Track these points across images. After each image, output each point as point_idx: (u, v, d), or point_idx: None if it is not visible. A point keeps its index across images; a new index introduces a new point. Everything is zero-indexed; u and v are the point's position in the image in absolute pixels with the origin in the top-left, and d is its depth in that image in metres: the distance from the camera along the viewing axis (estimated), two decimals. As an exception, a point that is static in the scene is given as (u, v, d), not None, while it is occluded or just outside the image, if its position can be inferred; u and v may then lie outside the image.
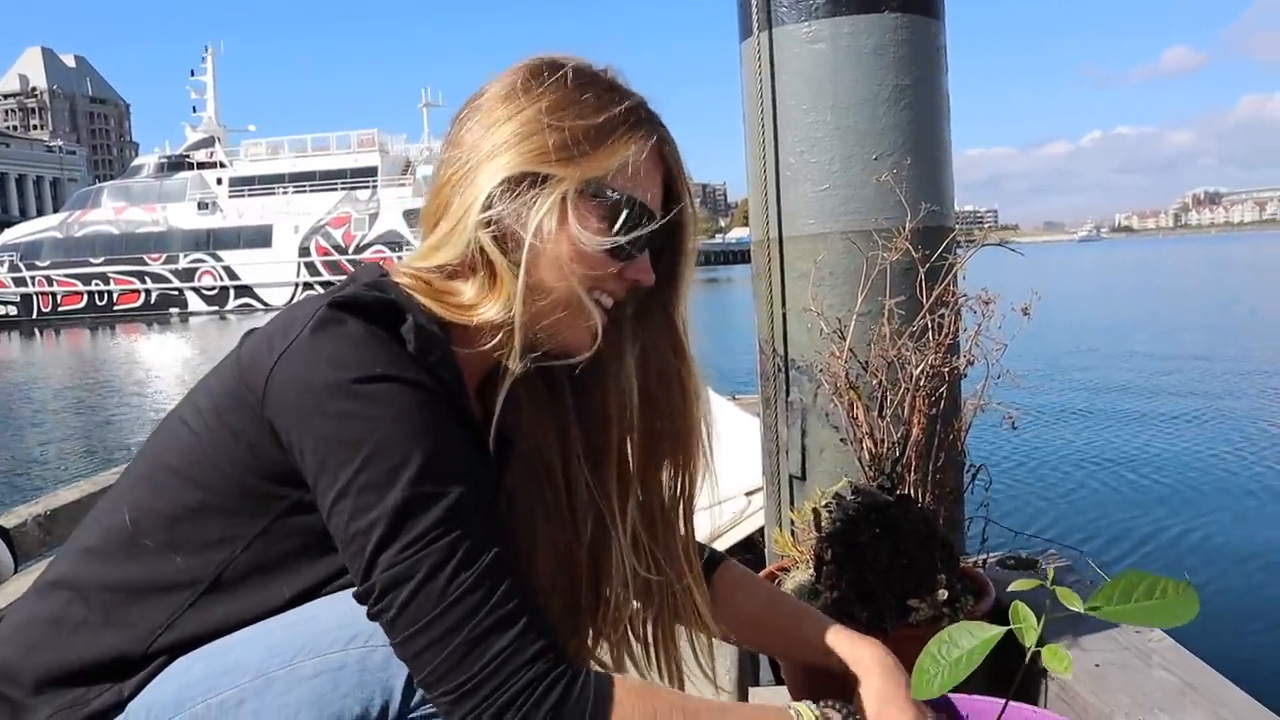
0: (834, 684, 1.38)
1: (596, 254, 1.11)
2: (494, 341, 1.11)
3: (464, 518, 0.98)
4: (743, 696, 2.01)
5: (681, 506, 1.31)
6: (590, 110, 1.11)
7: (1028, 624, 0.98)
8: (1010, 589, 1.29)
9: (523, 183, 1.09)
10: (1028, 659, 0.98)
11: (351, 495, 0.96)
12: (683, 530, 1.32)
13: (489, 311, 1.09)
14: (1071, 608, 0.93)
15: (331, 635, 1.00)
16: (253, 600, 1.06)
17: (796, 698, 1.81)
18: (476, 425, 1.12)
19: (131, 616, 1.06)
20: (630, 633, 1.36)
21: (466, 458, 1.03)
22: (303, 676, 1.00)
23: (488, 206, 1.08)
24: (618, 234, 1.11)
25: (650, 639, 1.36)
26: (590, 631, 1.34)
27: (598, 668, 1.25)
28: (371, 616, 0.99)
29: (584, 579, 1.30)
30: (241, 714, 1.00)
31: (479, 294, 1.10)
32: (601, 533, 1.27)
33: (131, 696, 1.05)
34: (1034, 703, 1.72)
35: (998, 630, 1.00)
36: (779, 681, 2.12)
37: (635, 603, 1.32)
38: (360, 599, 0.99)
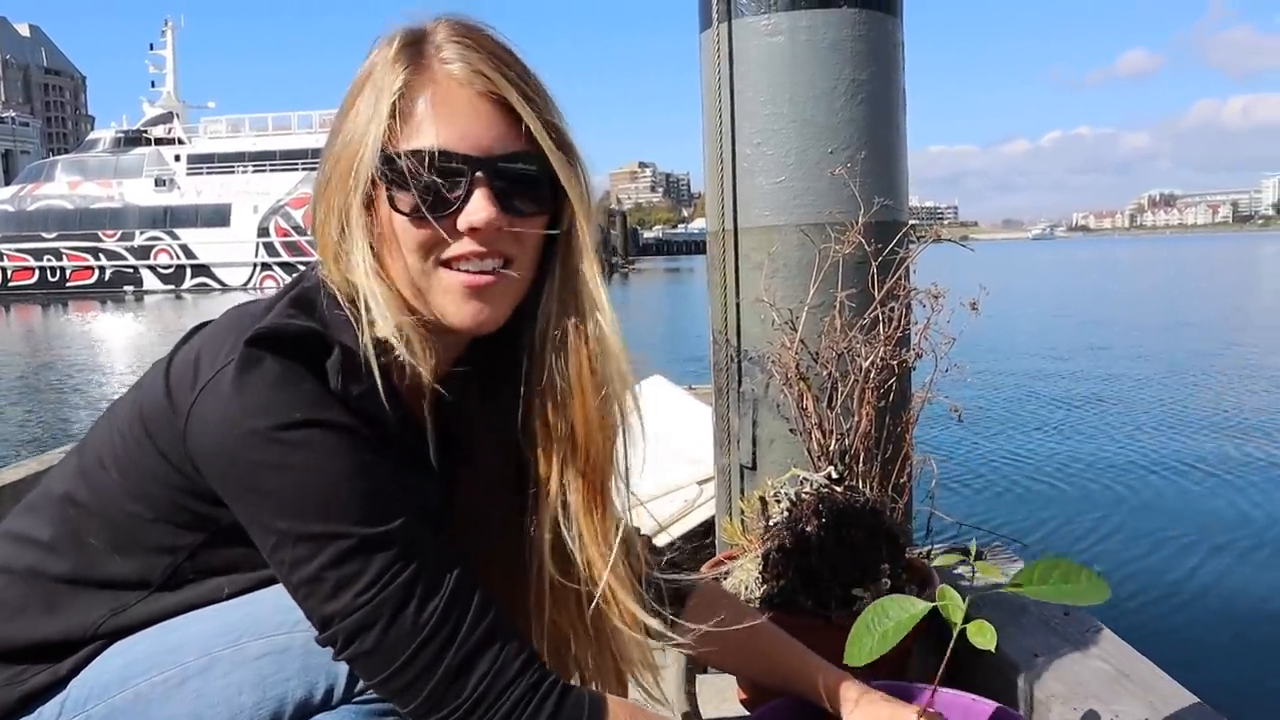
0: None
1: (403, 224, 1.02)
2: (401, 350, 1.02)
3: (414, 549, 0.96)
4: (690, 683, 2.03)
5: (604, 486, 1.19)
6: (363, 70, 1.03)
7: (953, 603, 1.01)
8: (935, 563, 1.31)
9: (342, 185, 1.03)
10: (954, 637, 1.01)
11: (289, 546, 0.94)
12: (606, 513, 1.19)
13: (385, 327, 1.01)
14: (991, 580, 0.98)
15: (278, 618, 1.00)
16: (197, 595, 1.05)
17: (745, 691, 1.83)
18: (415, 444, 1.08)
19: (77, 605, 1.05)
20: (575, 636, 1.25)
21: (401, 487, 0.99)
22: (247, 657, 1.00)
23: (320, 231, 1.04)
24: (413, 192, 1.00)
25: (590, 642, 1.25)
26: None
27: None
28: (340, 659, 0.98)
29: (538, 586, 1.22)
30: (184, 692, 0.99)
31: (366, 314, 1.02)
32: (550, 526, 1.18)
33: (70, 675, 1.04)
34: (977, 691, 1.75)
35: (926, 605, 1.03)
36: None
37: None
38: (323, 644, 0.98)
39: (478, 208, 1.01)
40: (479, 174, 1.01)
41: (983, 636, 1.01)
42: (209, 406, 0.95)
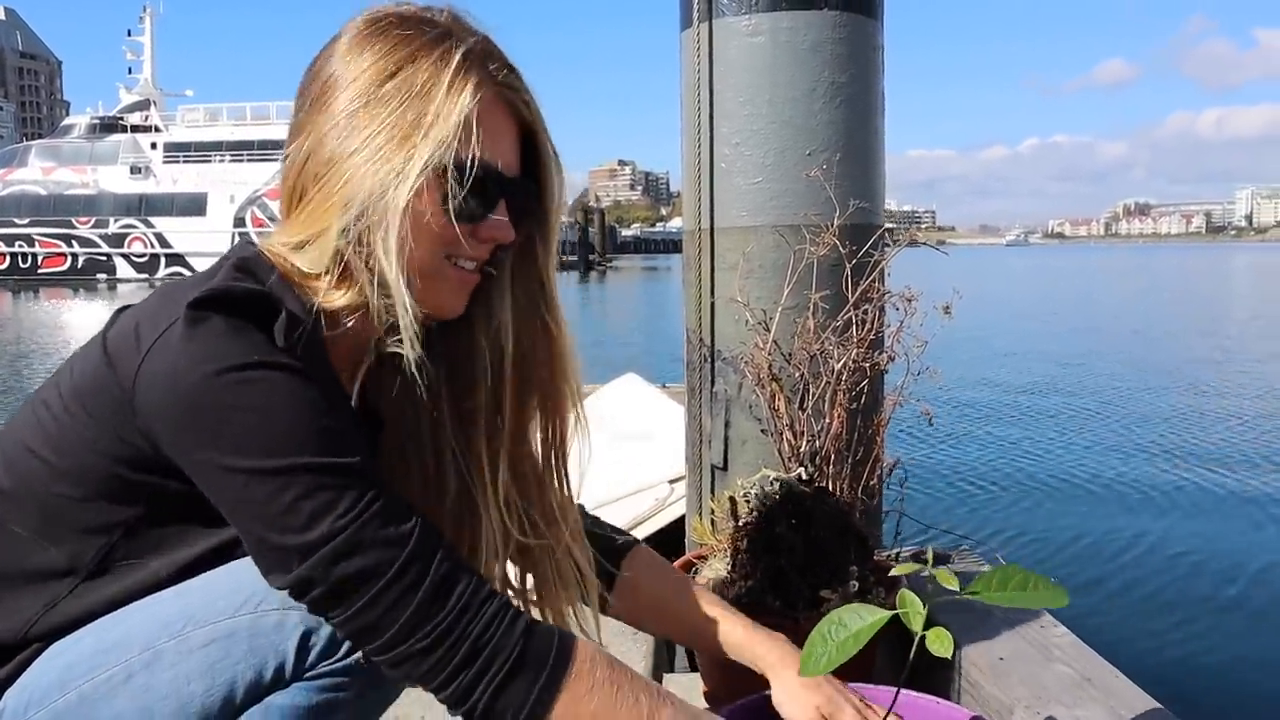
0: (745, 677, 1.40)
1: (440, 220, 1.06)
2: (355, 319, 1.09)
3: (373, 486, 0.97)
4: (656, 682, 2.03)
5: (555, 463, 1.27)
6: (423, 73, 1.05)
7: (914, 609, 1.01)
8: (892, 572, 1.32)
9: (381, 180, 1.04)
10: (915, 644, 1.02)
11: (257, 484, 0.94)
12: (557, 488, 1.28)
13: (348, 296, 1.07)
14: (949, 588, 0.98)
15: (220, 604, 0.99)
16: (133, 581, 1.03)
17: (709, 686, 1.84)
18: (348, 407, 1.12)
19: (4, 604, 1.03)
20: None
21: (355, 429, 1.02)
22: (192, 647, 0.98)
23: (349, 213, 1.04)
24: (460, 200, 1.05)
25: (532, 603, 1.33)
26: None
27: None
28: (312, 601, 0.96)
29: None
30: (130, 689, 0.98)
31: (338, 280, 1.07)
32: (470, 502, 1.23)
33: (5, 684, 1.02)
34: (943, 695, 1.76)
35: (884, 614, 1.03)
36: (694, 669, 2.14)
37: (512, 568, 1.30)
38: (292, 587, 0.96)
39: (502, 225, 1.11)
40: (509, 194, 1.11)
41: (940, 644, 1.01)
42: (158, 363, 0.95)
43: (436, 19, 1.10)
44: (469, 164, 1.05)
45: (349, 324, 1.09)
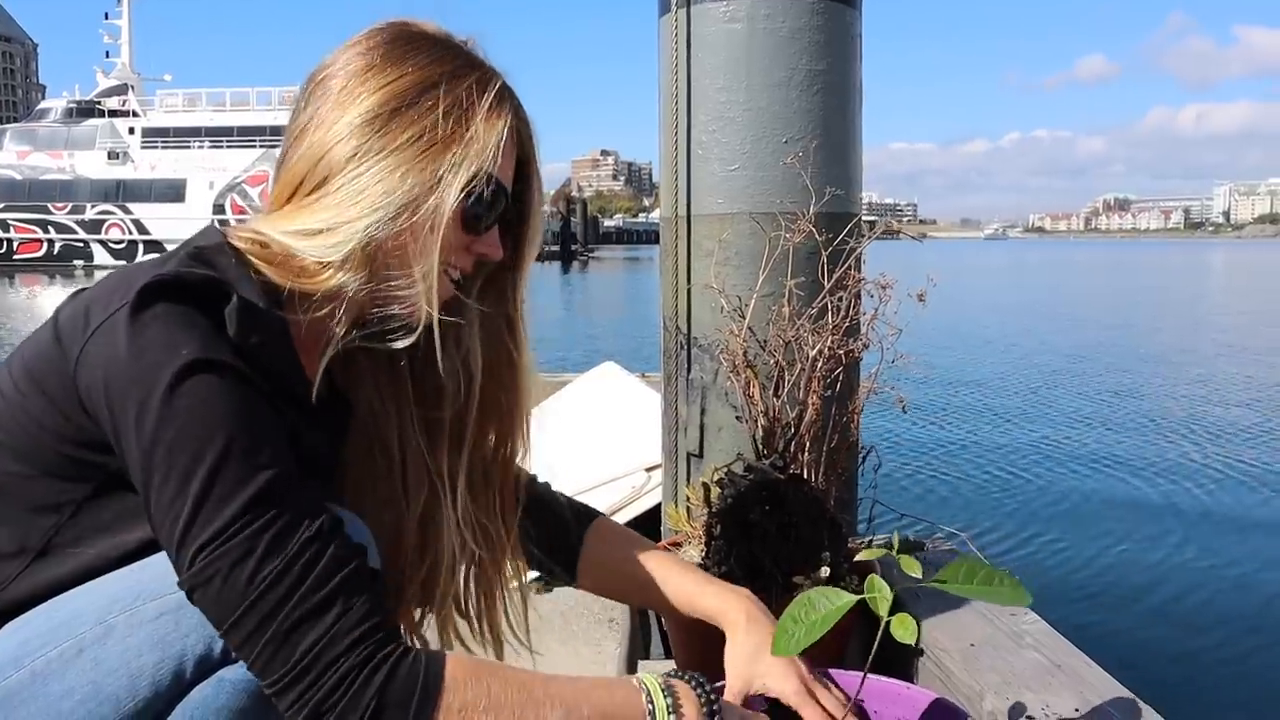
0: (715, 652, 1.41)
1: (453, 228, 1.13)
2: (329, 308, 1.11)
3: (270, 502, 0.95)
4: (631, 669, 2.03)
5: (500, 470, 1.35)
6: (467, 90, 1.13)
7: (881, 594, 1.02)
8: (858, 557, 1.33)
9: (424, 183, 1.10)
10: (880, 629, 1.02)
11: (154, 489, 0.94)
12: (500, 504, 1.35)
13: (334, 279, 1.09)
14: (911, 574, 0.99)
15: (172, 577, 0.98)
16: (79, 562, 1.03)
17: (680, 659, 1.84)
18: (304, 398, 1.11)
19: None
20: (456, 606, 1.37)
21: (277, 439, 1.00)
22: (143, 620, 0.98)
23: (382, 210, 1.08)
24: (475, 211, 1.13)
25: (473, 610, 1.38)
26: (417, 606, 1.34)
27: (425, 643, 1.30)
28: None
29: (413, 551, 1.30)
30: (81, 663, 0.97)
31: (325, 265, 1.09)
32: (433, 503, 1.28)
33: None
34: (912, 680, 1.77)
35: (852, 598, 1.04)
36: (669, 655, 2.14)
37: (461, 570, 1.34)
38: (185, 591, 0.96)
39: (495, 243, 1.19)
40: (504, 213, 1.18)
41: (904, 629, 1.02)
42: (99, 346, 0.96)
43: (465, 45, 1.18)
44: (494, 182, 1.14)
45: (325, 310, 1.10)
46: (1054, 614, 1.92)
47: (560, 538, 1.46)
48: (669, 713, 1.08)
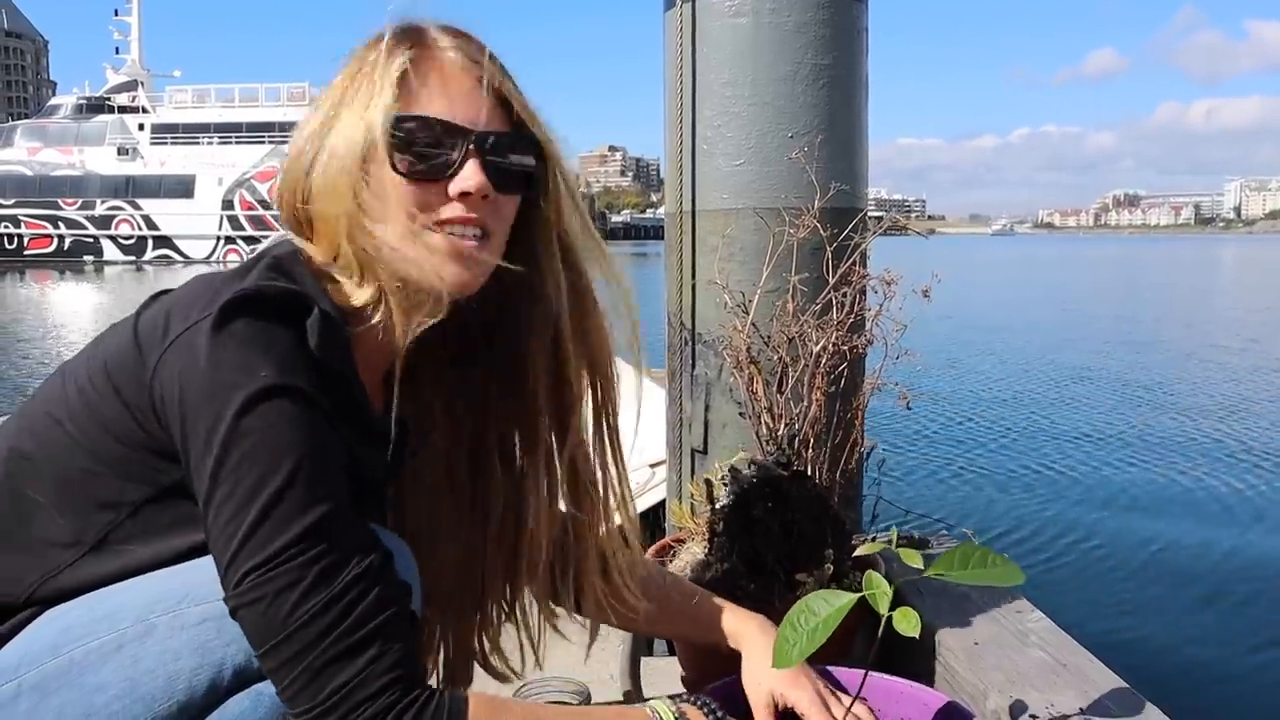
0: (722, 660, 1.41)
1: (402, 186, 1.09)
2: (379, 317, 1.09)
3: (324, 535, 0.95)
4: (635, 667, 2.02)
5: (607, 434, 1.34)
6: (370, 54, 1.11)
7: (880, 590, 1.01)
8: (856, 553, 1.32)
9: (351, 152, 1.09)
10: (882, 625, 1.01)
11: (214, 506, 0.95)
12: (613, 462, 1.35)
13: (366, 293, 1.08)
14: (913, 567, 0.99)
15: (219, 584, 0.98)
16: (130, 559, 1.04)
17: (687, 671, 1.84)
18: (371, 418, 1.11)
19: (7, 569, 1.04)
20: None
21: (339, 471, 1.00)
22: (186, 623, 0.98)
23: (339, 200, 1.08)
24: (412, 157, 1.08)
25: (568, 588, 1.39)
26: (495, 619, 1.38)
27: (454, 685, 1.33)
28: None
29: (494, 566, 1.32)
30: (120, 658, 0.98)
31: (359, 276, 1.09)
32: (517, 510, 1.28)
33: (3, 640, 1.02)
34: (916, 679, 1.76)
35: (851, 597, 1.03)
36: (672, 652, 2.14)
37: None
38: (230, 611, 0.97)
39: (470, 174, 1.09)
40: (472, 145, 1.09)
41: (907, 623, 1.01)
42: (178, 358, 0.97)
43: (417, 24, 1.15)
44: (417, 123, 1.08)
45: (374, 321, 1.09)
46: (1060, 612, 1.91)
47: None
48: None
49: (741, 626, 1.41)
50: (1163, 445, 7.12)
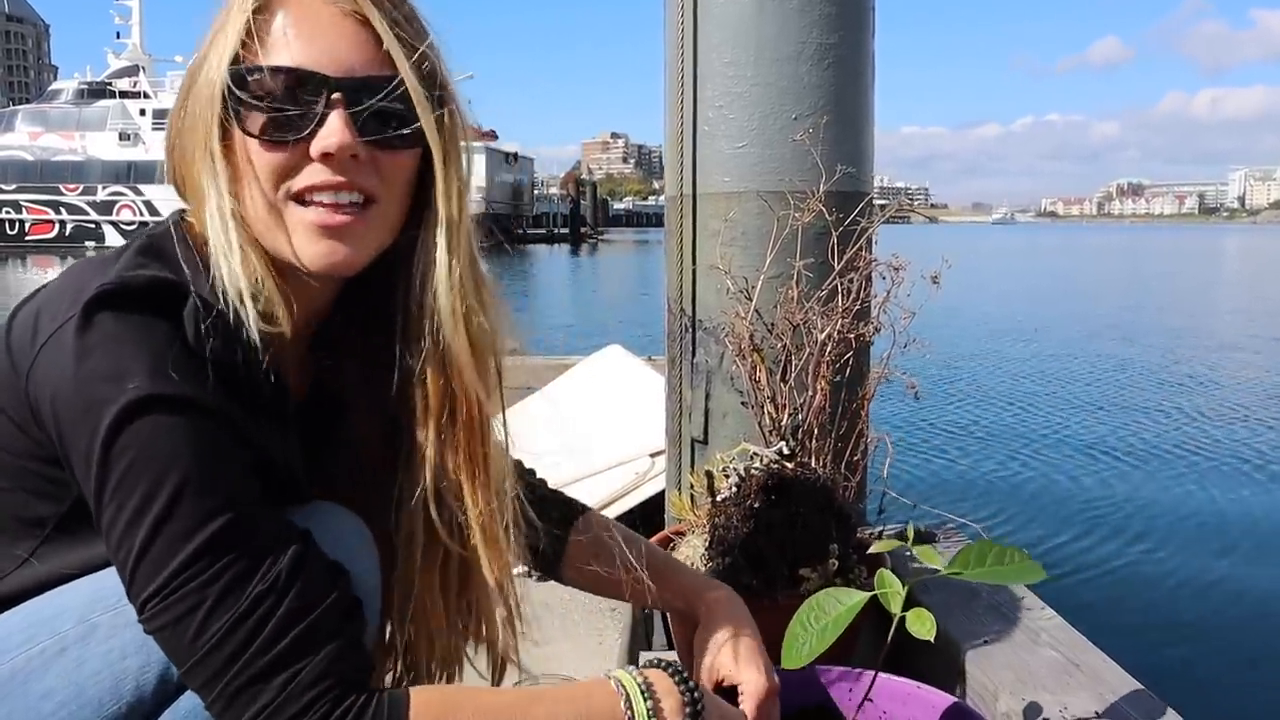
0: None
1: (254, 148, 0.95)
2: (264, 300, 0.96)
3: (223, 548, 0.87)
4: (633, 660, 1.98)
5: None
6: (219, 18, 0.97)
7: (892, 590, 0.96)
8: (870, 550, 1.27)
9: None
10: (894, 626, 0.96)
11: (104, 526, 0.88)
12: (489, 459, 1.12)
13: (242, 273, 0.95)
14: (931, 566, 0.93)
15: None
16: (69, 564, 0.98)
17: (681, 655, 1.78)
18: (275, 401, 0.99)
19: None
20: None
21: (234, 475, 0.90)
22: (129, 620, 0.92)
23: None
24: (255, 113, 0.94)
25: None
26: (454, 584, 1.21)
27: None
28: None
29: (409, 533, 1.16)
30: (63, 662, 0.92)
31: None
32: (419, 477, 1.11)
33: None
34: (923, 679, 1.71)
35: (863, 596, 0.98)
36: (671, 645, 2.09)
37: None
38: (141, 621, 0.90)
39: (331, 130, 0.94)
40: (336, 95, 0.94)
41: (921, 625, 0.96)
42: (47, 365, 0.88)
43: None
44: (264, 73, 0.93)
45: (260, 305, 0.96)
46: (1071, 610, 1.86)
47: (547, 534, 1.33)
48: (649, 716, 1.01)
49: (708, 590, 1.33)
50: (1181, 440, 7.05)
